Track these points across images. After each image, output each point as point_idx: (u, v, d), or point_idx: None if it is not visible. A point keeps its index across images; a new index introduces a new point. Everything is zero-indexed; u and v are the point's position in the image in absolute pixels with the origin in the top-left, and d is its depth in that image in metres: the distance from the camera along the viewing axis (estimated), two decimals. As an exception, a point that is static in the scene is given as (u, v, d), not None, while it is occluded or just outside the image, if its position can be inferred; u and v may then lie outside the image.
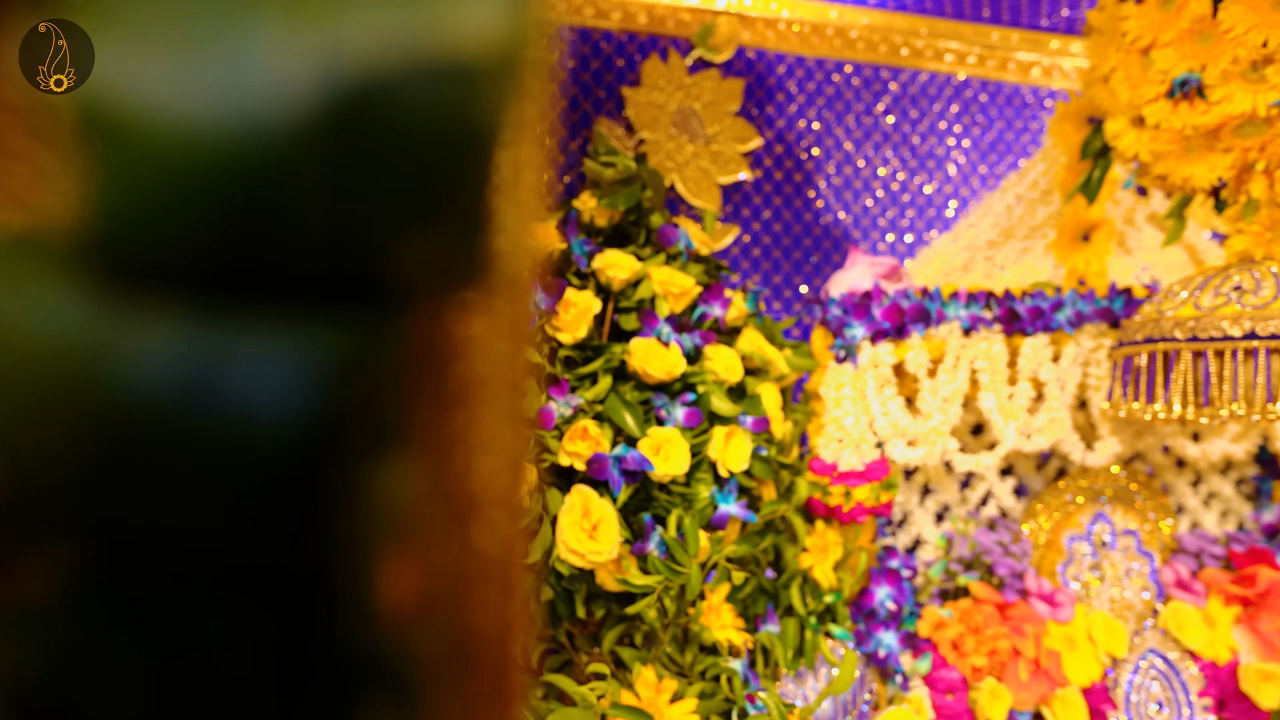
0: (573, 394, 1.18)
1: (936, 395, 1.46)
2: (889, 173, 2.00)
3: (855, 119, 1.98)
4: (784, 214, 1.95)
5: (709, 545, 1.23)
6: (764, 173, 1.93)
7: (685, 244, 1.34)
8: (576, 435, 1.15)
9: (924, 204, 2.02)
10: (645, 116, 1.85)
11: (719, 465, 1.24)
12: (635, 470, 1.15)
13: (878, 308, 1.44)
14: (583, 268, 1.24)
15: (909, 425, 1.45)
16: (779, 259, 1.95)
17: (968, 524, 1.63)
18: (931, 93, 2.02)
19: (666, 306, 1.26)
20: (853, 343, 1.44)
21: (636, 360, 1.19)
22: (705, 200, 1.89)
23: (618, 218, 1.31)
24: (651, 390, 1.23)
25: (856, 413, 1.43)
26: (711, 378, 1.28)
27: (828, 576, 1.44)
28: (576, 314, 1.18)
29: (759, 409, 1.33)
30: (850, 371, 1.44)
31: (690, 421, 1.22)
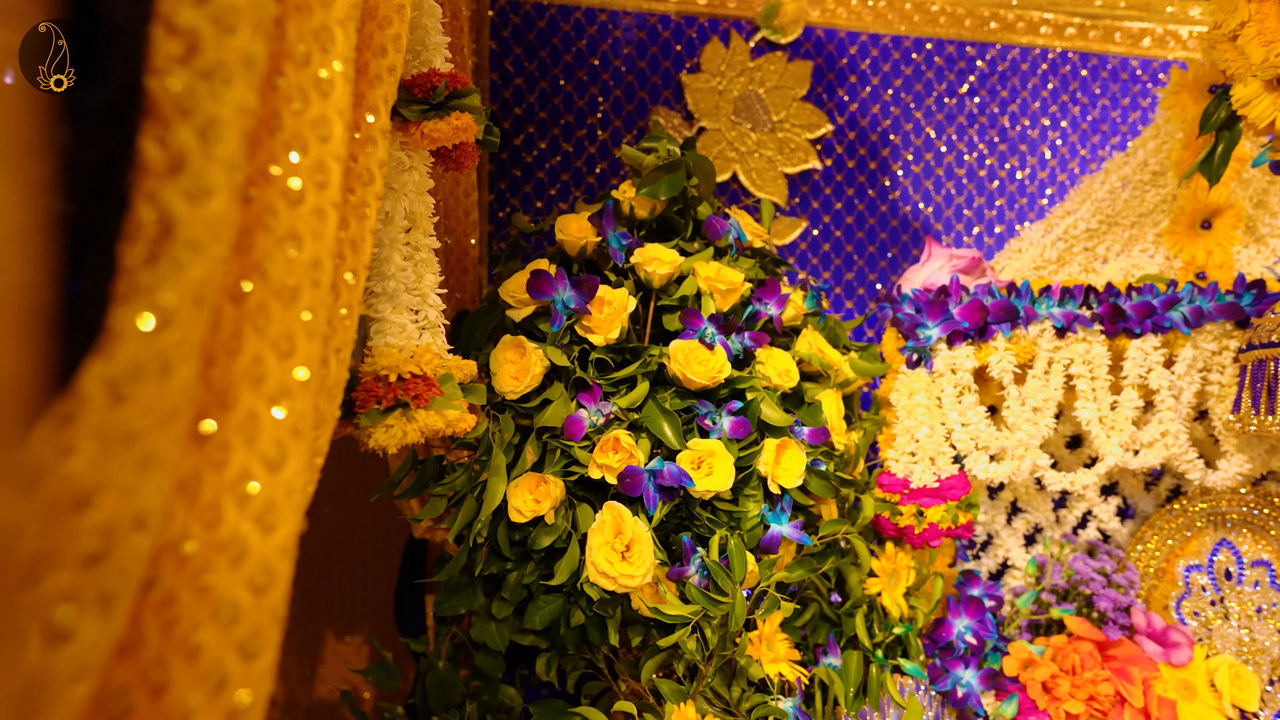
0: (605, 400, 1.06)
1: (1025, 404, 1.27)
2: (975, 159, 1.80)
3: (937, 101, 1.79)
4: (857, 205, 1.78)
5: (758, 570, 1.10)
6: (835, 161, 1.77)
7: (736, 236, 1.21)
8: (608, 446, 1.03)
9: (1014, 192, 1.81)
10: (705, 104, 1.72)
11: (769, 481, 1.10)
12: (673, 486, 1.03)
13: (955, 305, 1.26)
14: (620, 263, 1.12)
15: (992, 437, 1.27)
16: (851, 254, 1.79)
17: (1063, 548, 1.42)
18: (1024, 69, 1.81)
19: (712, 304, 1.13)
20: (926, 344, 1.27)
21: (676, 364, 1.07)
22: (770, 192, 1.74)
23: (660, 208, 1.19)
24: (695, 397, 1.10)
25: (931, 423, 1.26)
26: (762, 383, 1.14)
27: (898, 604, 1.28)
28: (610, 313, 1.06)
29: (817, 418, 1.18)
30: (924, 377, 1.28)
31: (737, 432, 1.09)
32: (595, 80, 1.69)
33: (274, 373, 0.46)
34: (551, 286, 1.05)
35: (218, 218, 0.39)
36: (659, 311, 1.16)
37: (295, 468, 0.46)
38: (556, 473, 1.05)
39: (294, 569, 0.46)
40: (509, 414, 1.07)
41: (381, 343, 0.79)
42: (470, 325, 1.11)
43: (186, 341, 0.37)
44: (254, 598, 0.43)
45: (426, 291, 0.89)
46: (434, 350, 0.88)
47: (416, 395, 0.76)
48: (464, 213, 1.25)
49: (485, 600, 1.13)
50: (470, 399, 0.90)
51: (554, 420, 1.04)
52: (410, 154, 0.86)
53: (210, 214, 0.38)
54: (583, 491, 1.08)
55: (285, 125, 0.50)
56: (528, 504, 1.03)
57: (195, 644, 0.41)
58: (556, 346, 1.06)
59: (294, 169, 0.50)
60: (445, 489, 1.05)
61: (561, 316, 1.05)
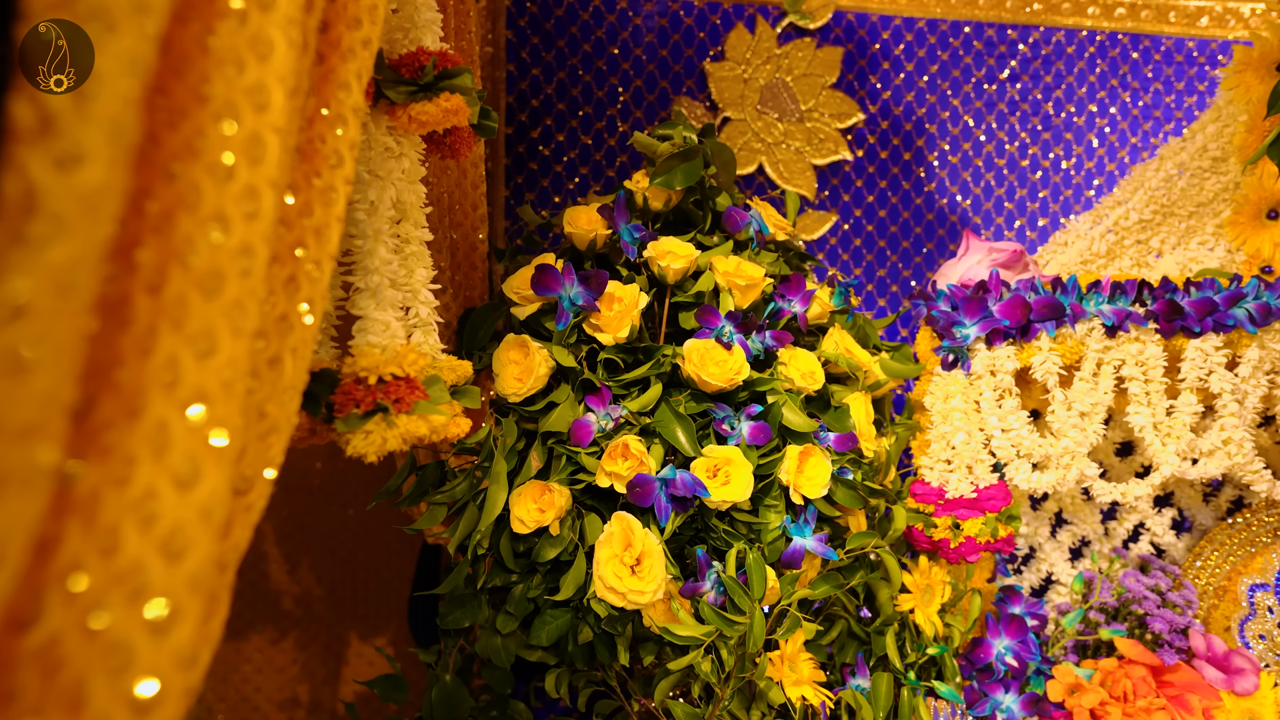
0: (615, 404, 0.99)
1: (1071, 409, 1.17)
2: (1016, 148, 1.70)
3: (975, 87, 1.69)
4: (890, 198, 1.69)
5: (779, 586, 1.02)
6: (866, 152, 1.67)
7: (758, 229, 1.12)
8: (616, 453, 0.95)
9: (1059, 183, 1.70)
10: (729, 93, 1.64)
11: (792, 491, 1.02)
12: (686, 496, 0.95)
13: (995, 302, 1.17)
14: (632, 257, 1.04)
15: (1035, 445, 1.17)
16: (883, 249, 1.69)
17: (1112, 564, 1.32)
18: (1069, 53, 1.69)
19: (731, 301, 1.05)
20: (964, 344, 1.17)
21: (691, 365, 0.99)
22: (798, 185, 1.66)
23: (676, 200, 1.11)
24: (711, 400, 1.02)
25: (968, 429, 1.17)
26: (785, 386, 1.06)
27: (932, 622, 1.18)
28: (620, 310, 0.99)
29: (844, 423, 1.09)
30: (961, 379, 1.18)
31: (757, 438, 1.00)
32: (615, 70, 1.61)
33: (190, 375, 0.39)
34: (558, 282, 0.98)
35: (94, 190, 0.32)
36: (674, 309, 1.08)
37: (212, 486, 0.39)
38: (563, 480, 0.98)
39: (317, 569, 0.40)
40: (513, 418, 1.00)
41: (363, 342, 0.72)
42: (474, 324, 1.05)
43: (48, 337, 0.31)
44: (153, 640, 0.36)
45: (417, 287, 0.82)
46: (423, 350, 0.82)
47: (398, 399, 0.69)
48: (472, 206, 1.18)
49: (490, 613, 1.06)
50: (464, 402, 0.83)
51: (559, 425, 0.97)
52: (399, 139, 0.80)
53: (83, 184, 0.32)
54: (591, 500, 1.01)
55: (216, 93, 0.43)
56: (531, 514, 0.96)
57: (82, 695, 0.34)
58: (563, 346, 0.99)
59: (224, 142, 0.43)
60: (446, 496, 0.98)
61: (568, 314, 0.98)
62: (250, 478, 0.50)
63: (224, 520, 0.41)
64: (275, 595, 1.89)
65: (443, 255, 1.11)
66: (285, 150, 0.46)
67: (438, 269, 1.11)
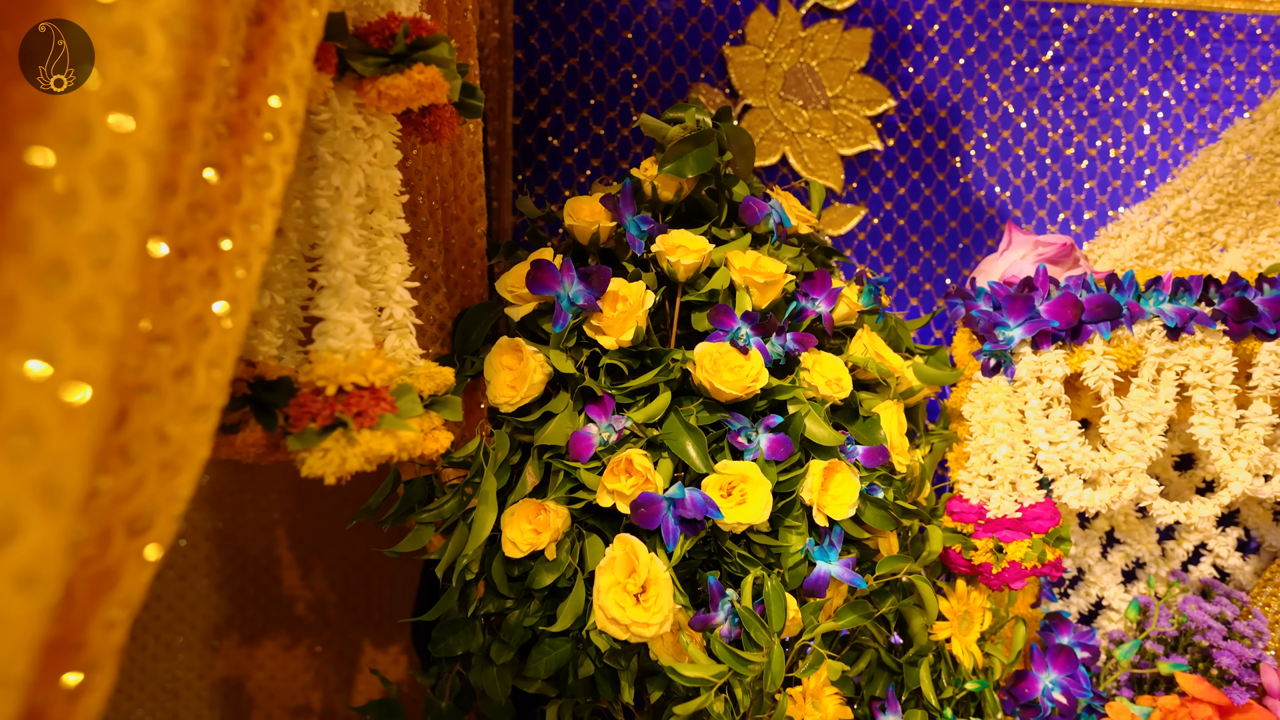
0: (619, 414, 0.89)
1: (1128, 419, 1.05)
2: (1060, 136, 1.57)
3: (1016, 71, 1.56)
4: (923, 190, 1.57)
5: (800, 616, 0.91)
6: (898, 141, 1.56)
7: (778, 220, 1.02)
8: (619, 469, 0.85)
9: (1107, 173, 1.57)
10: (750, 79, 1.53)
11: (815, 511, 0.91)
12: (696, 518, 0.84)
13: (1043, 301, 1.05)
14: (638, 251, 0.94)
15: (1087, 459, 1.05)
16: (916, 245, 1.57)
17: (1171, 588, 1.19)
18: (1119, 32, 1.56)
19: (748, 300, 0.95)
20: (1007, 347, 1.06)
21: (703, 371, 0.89)
22: (824, 176, 1.54)
23: (688, 189, 1.01)
24: (726, 410, 0.92)
25: (1012, 441, 1.05)
26: (808, 394, 0.95)
27: (971, 653, 1.07)
28: (625, 310, 0.89)
29: (873, 435, 0.98)
30: (1003, 386, 1.06)
31: (776, 452, 0.90)
32: (629, 56, 1.51)
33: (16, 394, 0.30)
34: (555, 279, 0.89)
35: None
36: (686, 309, 0.98)
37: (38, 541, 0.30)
38: (560, 499, 0.88)
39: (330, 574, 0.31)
40: (506, 429, 0.90)
41: (322, 347, 0.63)
42: (466, 325, 0.95)
43: None
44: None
45: (392, 285, 0.73)
46: (397, 355, 0.72)
47: (360, 412, 0.60)
48: (469, 198, 1.09)
49: (486, 640, 0.97)
50: (444, 414, 0.74)
51: (556, 438, 0.87)
52: (370, 119, 0.71)
53: None
54: (593, 520, 0.91)
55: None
56: (525, 536, 0.86)
57: None
58: (560, 350, 0.89)
59: (83, 99, 0.34)
60: (433, 515, 0.89)
61: (566, 314, 0.88)
62: (148, 515, 0.41)
63: (62, 580, 0.31)
64: (288, 601, 1.83)
65: (435, 250, 1.02)
66: (169, 110, 0.37)
67: (430, 265, 1.01)
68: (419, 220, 0.99)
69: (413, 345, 0.74)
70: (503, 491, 0.88)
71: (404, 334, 0.74)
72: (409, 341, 0.74)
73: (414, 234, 1.00)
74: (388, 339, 0.73)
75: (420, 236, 1.00)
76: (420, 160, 0.97)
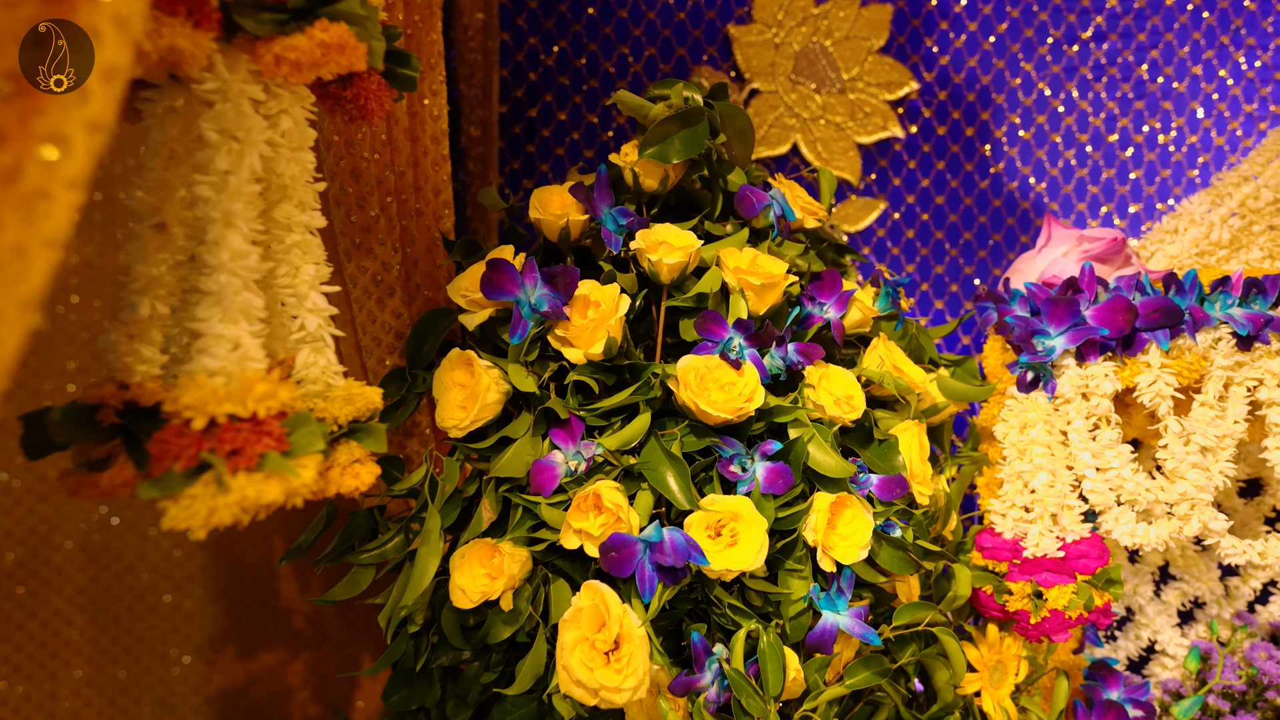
0: (589, 439, 0.76)
1: (1190, 443, 0.89)
2: (1102, 121, 1.41)
3: (1053, 49, 1.40)
4: (949, 182, 1.42)
5: (803, 675, 0.77)
6: (921, 128, 1.41)
7: (780, 213, 0.88)
8: (586, 505, 0.72)
9: (1155, 161, 1.40)
10: (758, 61, 1.39)
11: (820, 553, 0.77)
12: (674, 566, 0.71)
13: (1089, 305, 0.90)
14: (614, 249, 0.81)
15: (1141, 488, 0.90)
16: (941, 242, 1.42)
17: (1236, 632, 1.03)
18: (1168, 5, 1.40)
19: (744, 305, 0.81)
20: (1047, 359, 0.91)
21: (686, 390, 0.75)
22: (840, 166, 1.40)
23: (676, 177, 0.87)
24: (717, 434, 0.78)
25: (1052, 467, 0.90)
26: (813, 414, 0.81)
27: (1004, 710, 0.92)
28: (597, 317, 0.75)
29: (890, 462, 0.84)
30: (1042, 403, 0.91)
31: (774, 484, 0.76)
32: (625, 37, 1.38)
33: None
34: (514, 282, 0.75)
35: None
36: (675, 316, 0.84)
37: None
38: (519, 539, 0.74)
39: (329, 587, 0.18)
40: (458, 457, 0.77)
41: (196, 368, 0.50)
42: (418, 335, 0.82)
43: None
44: None
45: (304, 290, 0.60)
46: (305, 374, 0.60)
47: (235, 450, 0.47)
48: (433, 190, 0.96)
49: (441, 694, 0.84)
50: (367, 445, 0.61)
51: (514, 467, 0.74)
52: (275, 90, 0.58)
53: None
54: (561, 562, 0.77)
55: None
56: (476, 582, 0.73)
57: None
58: (520, 364, 0.76)
59: None
60: (373, 555, 0.76)
61: (527, 322, 0.75)
62: None
63: None
64: (286, 613, 1.72)
65: (389, 249, 0.89)
66: None
67: (383, 266, 0.89)
68: (368, 215, 0.86)
69: (329, 362, 0.62)
70: (456, 528, 0.75)
71: (319, 348, 0.61)
72: (325, 357, 0.61)
73: (363, 230, 0.87)
74: (299, 355, 0.61)
75: (370, 233, 0.87)
76: (368, 146, 0.85)
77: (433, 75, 0.94)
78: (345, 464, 0.59)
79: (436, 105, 0.95)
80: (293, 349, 0.61)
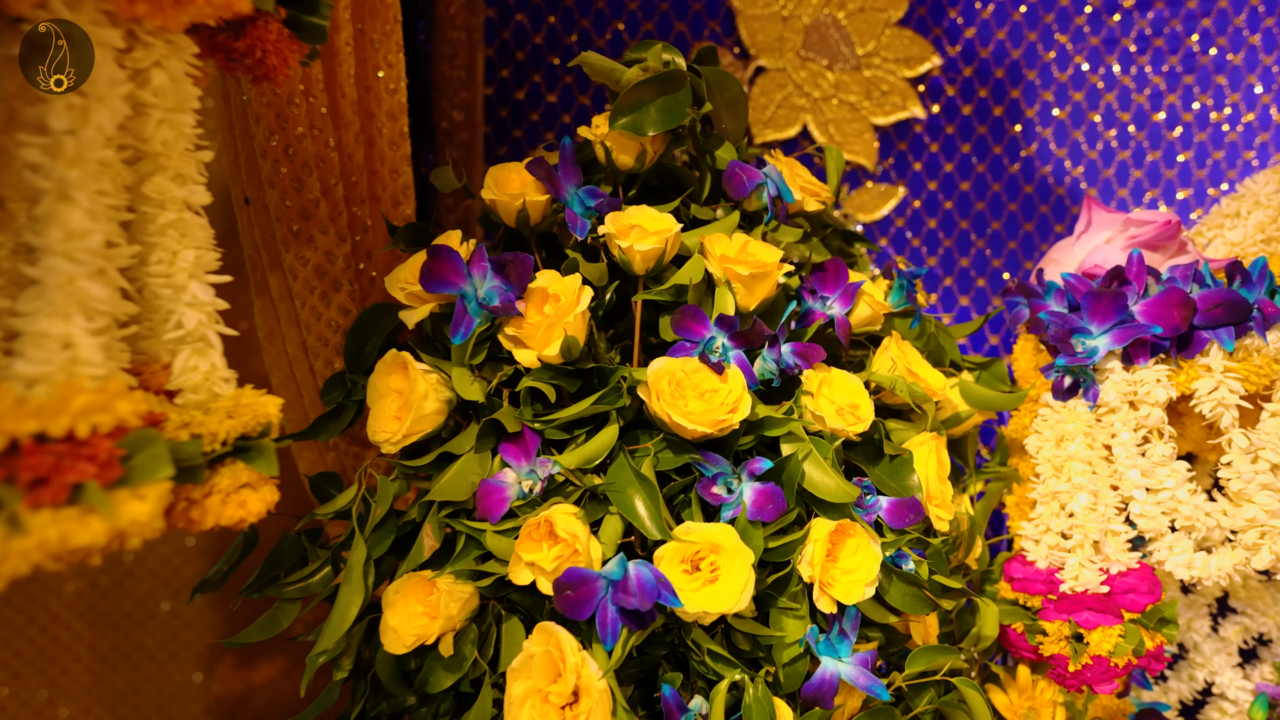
0: (545, 455, 0.64)
1: (1259, 460, 0.75)
2: (1147, 98, 1.26)
3: (1092, 19, 1.26)
4: (975, 166, 1.28)
5: (799, 735, 0.65)
6: (944, 107, 1.27)
7: (775, 194, 0.76)
8: (537, 534, 0.61)
9: (1206, 142, 1.26)
10: (764, 36, 1.27)
11: (817, 590, 0.65)
12: (639, 610, 0.59)
13: (1138, 299, 0.76)
14: (579, 235, 0.69)
15: (1201, 513, 0.76)
16: (966, 232, 1.28)
17: (1307, 675, 0.89)
18: (1222, -32, 1.25)
19: (730, 299, 0.69)
20: (1089, 361, 0.77)
21: (659, 400, 0.63)
22: (855, 150, 1.27)
23: (655, 153, 0.75)
24: (698, 449, 0.66)
25: (1095, 487, 0.77)
26: (813, 426, 0.69)
27: (1038, 766, 0.79)
28: (554, 313, 0.64)
29: (903, 481, 0.71)
30: (1083, 413, 0.78)
31: (763, 510, 0.64)
32: (619, 12, 1.26)
33: None
34: (458, 272, 0.64)
35: None
36: (656, 313, 0.73)
37: None
38: (463, 572, 0.63)
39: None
40: (395, 475, 0.66)
41: (11, 374, 0.40)
42: (357, 335, 0.71)
43: None
44: None
45: (182, 280, 0.49)
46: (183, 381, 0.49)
47: (39, 479, 0.37)
48: (390, 172, 0.85)
49: (388, 743, 0.73)
50: (256, 467, 0.50)
51: (455, 490, 0.62)
52: (145, 38, 0.47)
53: None
54: (518, 596, 0.66)
55: None
56: (412, 623, 0.62)
57: None
58: (465, 368, 0.64)
59: None
60: (297, 589, 0.65)
61: (473, 319, 0.63)
62: None
63: None
64: None
65: (333, 238, 0.78)
66: None
67: (326, 256, 0.78)
68: (306, 199, 0.76)
69: (215, 364, 0.51)
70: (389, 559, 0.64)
71: (201, 350, 0.50)
72: (208, 360, 0.50)
73: (301, 216, 0.76)
74: (177, 358, 0.50)
75: (310, 219, 0.77)
76: (304, 120, 0.74)
77: (388, 43, 0.83)
78: (228, 490, 0.48)
79: (393, 78, 0.84)
80: (169, 351, 0.50)
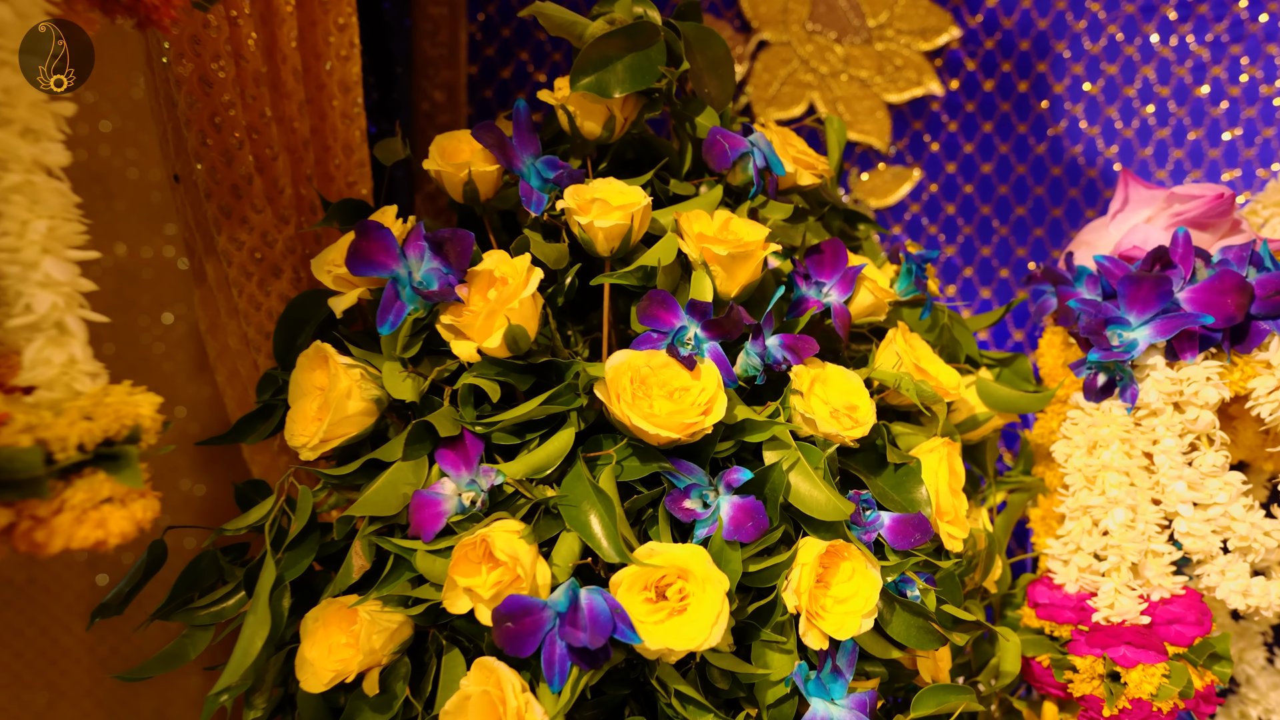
0: (489, 464, 0.56)
1: (1329, 471, 0.65)
2: (1189, 71, 1.15)
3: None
4: (998, 146, 1.17)
5: (783, 790, 0.55)
6: (964, 83, 1.17)
7: (761, 165, 0.66)
8: (473, 556, 0.52)
9: (1255, 119, 1.14)
10: (767, 7, 1.17)
11: (804, 623, 0.55)
12: (590, 648, 0.50)
13: (1184, 284, 0.66)
14: (537, 210, 0.60)
15: (1259, 530, 0.65)
16: (988, 218, 1.18)
17: (1378, 715, 0.78)
18: (1273, -73, 1.13)
19: (707, 284, 0.59)
20: (1126, 356, 0.67)
21: (618, 401, 0.54)
22: (866, 130, 1.17)
23: (627, 119, 0.66)
24: (668, 457, 0.57)
25: (1134, 501, 0.66)
26: (803, 431, 0.59)
27: (1066, 818, 0.69)
28: (498, 299, 0.55)
29: (908, 495, 0.61)
30: (1120, 416, 0.68)
31: (742, 528, 0.54)
32: (611, -17, 1.17)
33: None
34: (389, 253, 0.55)
35: None
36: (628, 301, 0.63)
37: None
38: (393, 598, 0.55)
39: None
40: (320, 485, 0.58)
41: None
42: (287, 326, 0.63)
43: None
44: None
45: (31, 255, 0.41)
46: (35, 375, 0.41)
47: None
48: (344, 148, 0.77)
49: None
50: (119, 478, 0.42)
51: (382, 503, 0.53)
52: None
53: None
54: (461, 623, 0.57)
55: None
56: (332, 655, 0.53)
57: None
58: (395, 361, 0.56)
59: None
60: (209, 615, 0.57)
61: (404, 306, 0.55)
62: None
63: None
64: None
65: (270, 218, 0.70)
66: None
67: (263, 239, 0.70)
68: (237, 174, 0.67)
69: (77, 354, 0.43)
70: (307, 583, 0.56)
71: (58, 339, 0.42)
72: (65, 352, 0.42)
73: (232, 194, 0.68)
74: (27, 349, 0.42)
75: (243, 198, 0.68)
76: (231, 85, 0.66)
77: (339, 6, 0.75)
78: (84, 506, 0.40)
79: (344, 43, 0.76)
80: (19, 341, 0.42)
